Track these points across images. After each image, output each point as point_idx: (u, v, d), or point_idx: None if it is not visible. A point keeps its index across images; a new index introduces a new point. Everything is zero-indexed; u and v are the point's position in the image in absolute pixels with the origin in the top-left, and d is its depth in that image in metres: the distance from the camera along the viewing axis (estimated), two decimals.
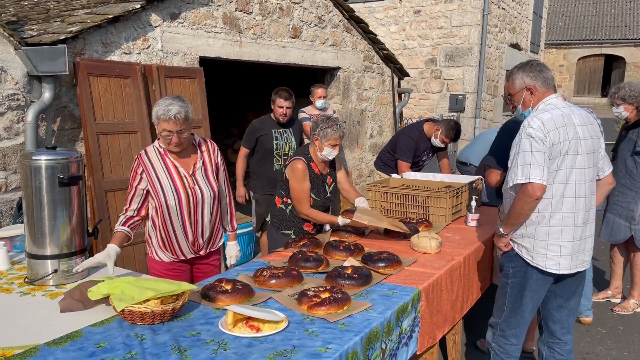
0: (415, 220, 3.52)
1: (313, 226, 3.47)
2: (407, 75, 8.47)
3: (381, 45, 7.56)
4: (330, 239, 3.11)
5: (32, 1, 5.62)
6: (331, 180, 3.45)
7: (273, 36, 5.66)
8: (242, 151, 4.70)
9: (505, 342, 2.72)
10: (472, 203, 3.67)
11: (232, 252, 3.00)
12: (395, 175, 4.73)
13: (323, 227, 3.66)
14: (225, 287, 2.21)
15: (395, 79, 8.10)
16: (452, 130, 4.66)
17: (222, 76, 7.75)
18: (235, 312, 1.90)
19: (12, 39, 3.51)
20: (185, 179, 2.64)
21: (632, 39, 23.11)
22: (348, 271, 2.45)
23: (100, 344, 1.78)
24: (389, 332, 2.12)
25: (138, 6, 4.16)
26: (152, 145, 2.69)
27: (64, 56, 3.55)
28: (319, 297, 2.11)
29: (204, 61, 4.91)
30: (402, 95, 8.30)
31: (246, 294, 2.20)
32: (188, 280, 2.78)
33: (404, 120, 8.85)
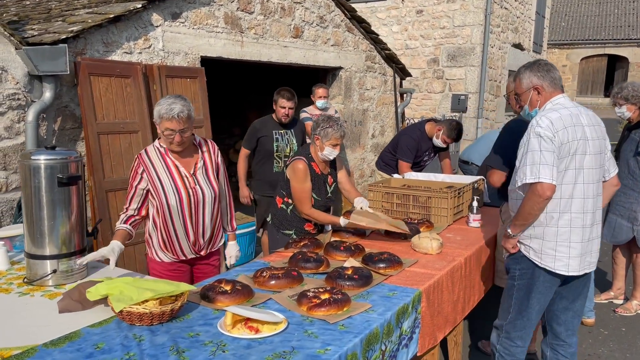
0: (416, 221, 3.51)
1: (314, 226, 3.46)
2: (409, 75, 8.45)
3: (383, 45, 7.54)
4: (331, 240, 3.10)
5: (33, 1, 5.63)
6: (332, 180, 3.44)
7: (275, 36, 5.65)
8: (243, 152, 4.66)
9: (511, 345, 2.70)
10: (474, 203, 3.66)
11: (232, 252, 2.99)
12: (397, 175, 4.72)
13: (324, 227, 3.64)
14: (225, 288, 2.20)
15: (398, 79, 8.08)
16: (454, 131, 4.64)
17: (224, 76, 7.74)
18: (234, 313, 1.89)
19: (12, 38, 3.51)
20: (186, 178, 2.63)
21: (635, 39, 23.05)
22: (348, 272, 2.44)
23: (98, 345, 1.77)
24: (389, 334, 2.11)
25: (139, 6, 4.15)
26: (152, 144, 2.68)
27: (65, 56, 3.55)
28: (319, 298, 2.10)
29: (205, 61, 4.90)
30: (404, 95, 8.29)
31: (246, 295, 2.19)
32: (188, 280, 2.78)
33: (406, 120, 8.83)
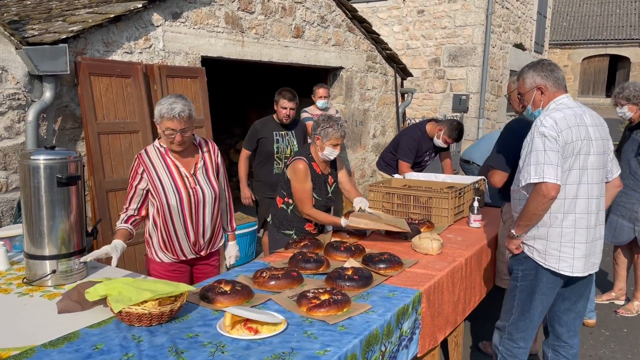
0: (417, 221, 3.50)
1: (314, 226, 3.45)
2: (410, 75, 8.44)
3: (384, 45, 7.53)
4: (332, 240, 3.09)
5: (34, 1, 5.63)
6: (332, 180, 3.43)
7: (275, 36, 5.65)
8: (244, 153, 4.64)
9: (513, 346, 2.69)
10: (475, 204, 3.65)
11: (232, 252, 2.99)
12: (398, 175, 4.71)
13: (324, 227, 3.64)
14: (224, 289, 2.19)
15: (399, 79, 8.07)
16: (455, 131, 4.63)
17: (224, 76, 7.74)
18: (233, 314, 1.88)
19: (13, 38, 3.51)
20: (187, 178, 2.62)
21: (637, 39, 22.99)
22: (348, 272, 2.43)
23: (97, 346, 1.77)
24: (389, 335, 2.10)
25: (140, 5, 4.15)
26: (152, 144, 2.67)
27: (65, 56, 3.55)
28: (319, 299, 2.09)
29: (206, 61, 4.90)
30: (405, 95, 8.28)
31: (245, 296, 2.18)
32: (188, 281, 2.77)
33: (407, 120, 8.82)
